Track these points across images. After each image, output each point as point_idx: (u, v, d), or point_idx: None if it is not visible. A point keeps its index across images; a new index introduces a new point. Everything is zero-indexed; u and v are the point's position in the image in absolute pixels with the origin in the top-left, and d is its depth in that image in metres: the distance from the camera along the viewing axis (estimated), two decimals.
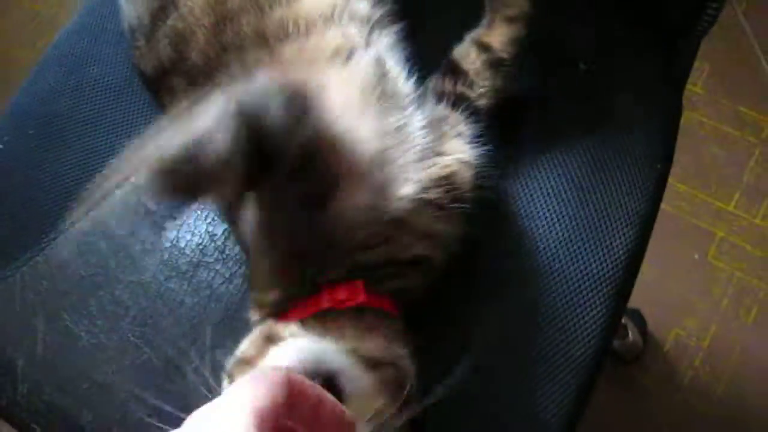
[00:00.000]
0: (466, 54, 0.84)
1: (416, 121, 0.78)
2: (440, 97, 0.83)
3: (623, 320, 1.51)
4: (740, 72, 1.84)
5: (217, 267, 0.85)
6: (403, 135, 0.74)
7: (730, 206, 1.69)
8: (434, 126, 0.79)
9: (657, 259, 1.58)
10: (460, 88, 0.83)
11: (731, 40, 1.86)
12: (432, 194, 0.74)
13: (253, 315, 0.75)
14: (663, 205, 0.89)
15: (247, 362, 0.68)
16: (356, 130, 0.71)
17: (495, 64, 0.84)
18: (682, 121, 0.92)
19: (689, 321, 1.60)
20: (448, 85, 0.83)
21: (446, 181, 0.75)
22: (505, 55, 0.84)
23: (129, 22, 0.89)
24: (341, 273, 0.71)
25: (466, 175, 0.77)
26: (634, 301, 1.54)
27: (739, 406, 1.54)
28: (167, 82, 0.84)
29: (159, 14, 0.84)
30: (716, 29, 0.89)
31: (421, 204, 0.73)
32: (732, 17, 1.86)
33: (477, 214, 0.77)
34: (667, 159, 0.89)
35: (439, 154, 0.76)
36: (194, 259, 0.85)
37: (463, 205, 0.75)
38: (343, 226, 0.70)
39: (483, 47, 0.84)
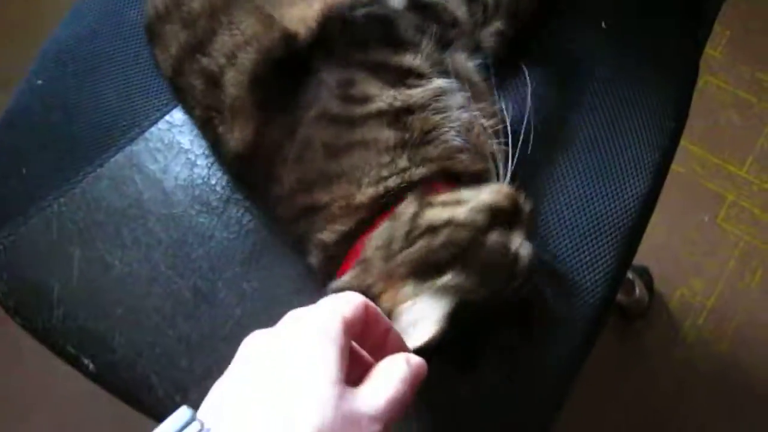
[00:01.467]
0: None
1: None
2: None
3: (631, 276, 1.54)
4: (760, 38, 1.85)
5: (246, 204, 0.88)
6: None
7: (742, 171, 1.71)
8: None
9: (667, 218, 1.62)
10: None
11: (753, 6, 1.86)
12: None
13: (330, 233, 0.77)
14: (675, 166, 0.91)
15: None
16: None
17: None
18: (700, 84, 0.94)
19: (695, 281, 1.63)
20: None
21: None
22: None
23: None
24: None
25: None
26: (642, 258, 1.58)
27: (740, 365, 1.58)
28: (160, 30, 0.88)
29: None
30: None
31: None
32: None
33: None
34: (681, 118, 0.91)
35: None
36: (224, 196, 0.89)
37: None
38: None
39: None
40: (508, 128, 0.80)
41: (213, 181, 0.90)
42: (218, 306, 0.86)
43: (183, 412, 0.48)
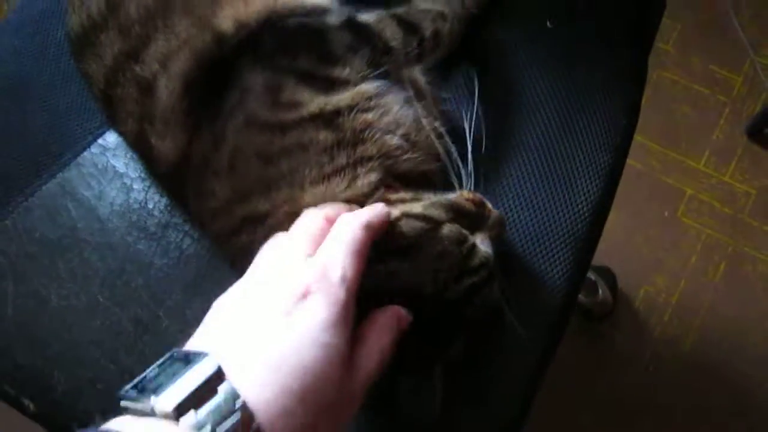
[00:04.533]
0: None
1: None
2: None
3: (593, 277, 1.52)
4: (711, 30, 1.85)
5: (186, 228, 0.85)
6: None
7: (700, 164, 1.71)
8: None
9: (627, 216, 1.60)
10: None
11: None
12: None
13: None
14: (633, 163, 0.90)
15: None
16: None
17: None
18: (654, 79, 0.93)
19: (658, 278, 1.62)
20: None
21: None
22: (474, 10, 0.88)
23: None
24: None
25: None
26: (604, 259, 1.57)
27: (707, 359, 1.57)
28: (94, 39, 0.84)
29: None
30: None
31: None
32: None
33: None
34: (633, 114, 0.89)
35: None
36: (163, 221, 0.85)
37: None
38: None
39: None
40: (467, 130, 0.79)
41: (150, 206, 0.86)
42: (161, 336, 0.82)
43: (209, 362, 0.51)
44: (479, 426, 0.79)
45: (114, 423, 0.51)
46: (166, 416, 0.49)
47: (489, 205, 0.74)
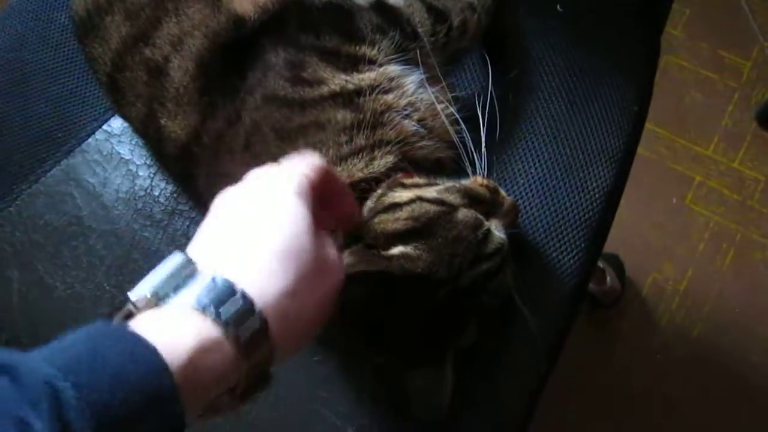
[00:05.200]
0: None
1: None
2: None
3: (601, 265, 1.51)
4: (721, 15, 1.83)
5: (193, 215, 0.84)
6: None
7: (708, 150, 1.69)
8: None
9: (635, 203, 1.59)
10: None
11: None
12: None
13: None
14: (642, 150, 0.88)
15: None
16: None
17: None
18: (662, 64, 0.92)
19: (667, 265, 1.61)
20: None
21: None
22: None
23: None
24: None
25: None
26: (612, 246, 1.55)
27: (714, 348, 1.56)
28: (99, 23, 0.83)
29: None
30: None
31: None
32: None
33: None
34: (644, 100, 0.88)
35: None
36: (169, 208, 0.84)
37: None
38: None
39: None
40: (480, 116, 0.78)
41: (156, 193, 0.85)
42: None
43: (176, 256, 0.53)
44: (487, 420, 0.79)
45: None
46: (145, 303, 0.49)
47: (503, 192, 0.74)
